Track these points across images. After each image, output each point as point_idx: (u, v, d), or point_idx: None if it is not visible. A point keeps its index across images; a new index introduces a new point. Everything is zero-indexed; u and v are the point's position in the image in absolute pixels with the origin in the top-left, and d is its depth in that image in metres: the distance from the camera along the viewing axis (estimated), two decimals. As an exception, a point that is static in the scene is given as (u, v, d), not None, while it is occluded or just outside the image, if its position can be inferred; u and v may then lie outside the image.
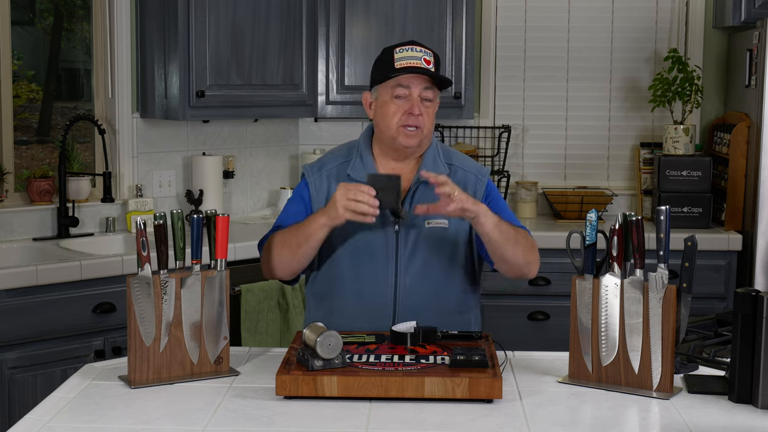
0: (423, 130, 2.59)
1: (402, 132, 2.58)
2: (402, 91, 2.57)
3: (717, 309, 4.14)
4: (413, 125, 2.56)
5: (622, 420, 2.08)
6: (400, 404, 2.12)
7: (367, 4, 4.36)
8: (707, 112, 4.82)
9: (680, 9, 4.80)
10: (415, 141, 2.59)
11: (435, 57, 2.62)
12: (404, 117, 2.57)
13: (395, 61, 2.57)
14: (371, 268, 2.59)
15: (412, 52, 2.58)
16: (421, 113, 2.57)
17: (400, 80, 2.57)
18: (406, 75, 2.56)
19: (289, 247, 2.55)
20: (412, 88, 2.57)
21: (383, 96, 2.60)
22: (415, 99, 2.57)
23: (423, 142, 2.62)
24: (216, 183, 4.37)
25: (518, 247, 2.54)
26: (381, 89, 2.61)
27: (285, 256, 2.56)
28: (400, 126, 2.58)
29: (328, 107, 4.39)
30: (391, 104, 2.58)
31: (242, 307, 3.83)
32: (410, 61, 2.56)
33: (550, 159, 4.94)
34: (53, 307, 3.42)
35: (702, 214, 4.42)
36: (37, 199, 4.02)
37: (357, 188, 2.43)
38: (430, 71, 2.57)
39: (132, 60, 4.23)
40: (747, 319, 2.13)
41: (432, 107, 2.61)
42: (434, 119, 2.64)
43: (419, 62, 2.57)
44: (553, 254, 4.25)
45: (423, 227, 2.60)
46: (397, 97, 2.58)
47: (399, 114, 2.57)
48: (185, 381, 2.28)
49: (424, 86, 2.58)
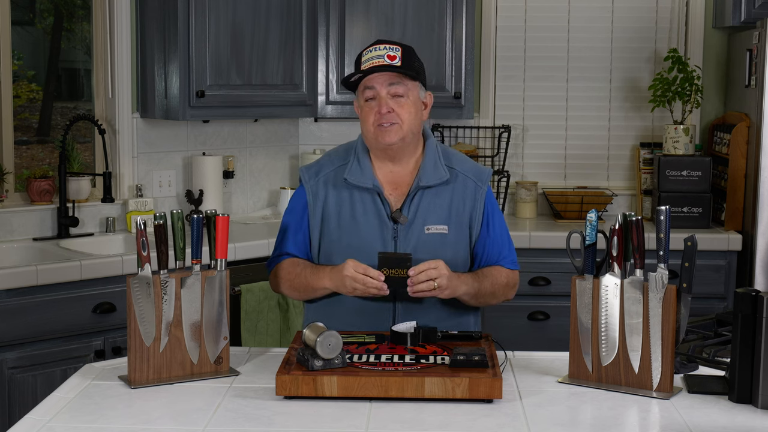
0: (402, 126, 2.56)
1: (378, 131, 2.56)
2: (370, 93, 2.57)
3: (717, 309, 4.14)
4: (385, 122, 2.55)
5: (622, 420, 2.07)
6: (400, 404, 2.12)
7: (367, 4, 4.36)
8: (707, 112, 4.82)
9: (680, 9, 4.80)
10: (395, 137, 2.56)
11: (403, 50, 2.58)
12: (377, 117, 2.56)
13: (361, 65, 2.58)
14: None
15: (375, 52, 2.57)
16: (391, 110, 2.54)
17: (365, 82, 2.57)
18: (369, 75, 2.56)
19: (296, 290, 2.65)
20: (377, 88, 2.56)
21: (360, 101, 2.62)
22: (383, 97, 2.55)
23: (407, 138, 2.59)
24: (216, 183, 4.37)
25: (494, 301, 2.67)
26: (358, 94, 2.63)
27: (291, 294, 2.68)
28: (375, 126, 2.56)
29: (328, 107, 4.39)
30: (365, 108, 2.59)
31: (242, 307, 3.83)
32: (372, 61, 2.56)
33: (550, 159, 4.94)
34: (53, 307, 3.42)
35: (702, 214, 4.42)
36: (37, 199, 4.02)
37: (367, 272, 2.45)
38: (391, 66, 2.54)
39: (132, 60, 4.23)
40: (747, 319, 2.13)
41: (407, 101, 2.57)
42: (417, 112, 2.59)
43: (381, 60, 2.55)
44: (553, 254, 4.27)
45: (422, 233, 2.59)
46: (368, 100, 2.58)
47: (372, 115, 2.56)
48: (185, 381, 2.28)
49: (390, 82, 2.56)
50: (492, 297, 2.64)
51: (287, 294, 2.69)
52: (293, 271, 2.63)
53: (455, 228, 2.61)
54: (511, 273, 2.66)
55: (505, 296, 2.68)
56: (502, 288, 2.64)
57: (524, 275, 3.95)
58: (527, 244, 4.27)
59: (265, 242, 3.94)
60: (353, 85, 2.62)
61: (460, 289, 2.52)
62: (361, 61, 2.59)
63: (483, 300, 2.63)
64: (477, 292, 2.58)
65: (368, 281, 2.44)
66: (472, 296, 2.58)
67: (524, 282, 4.13)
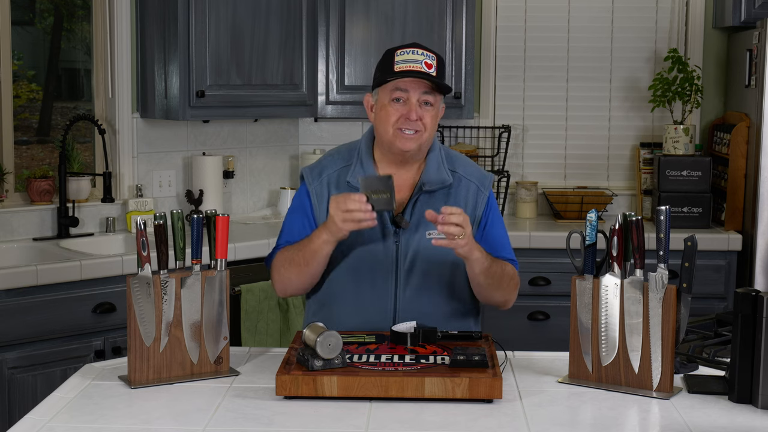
0: (423, 135, 2.54)
1: (399, 136, 2.53)
2: (400, 95, 2.53)
3: (717, 309, 4.14)
4: (411, 129, 2.52)
5: (622, 420, 2.08)
6: (400, 404, 2.12)
7: (367, 4, 4.36)
8: (707, 112, 4.82)
9: (680, 9, 4.80)
10: (414, 145, 2.54)
11: (438, 60, 2.55)
12: (401, 121, 2.52)
13: (395, 64, 2.53)
14: (371, 279, 2.57)
15: (413, 55, 2.52)
16: (419, 118, 2.52)
17: (398, 84, 2.53)
18: (405, 79, 2.51)
19: (297, 265, 2.55)
20: (410, 92, 2.52)
21: (382, 99, 2.56)
22: (413, 103, 2.52)
23: (423, 147, 2.57)
24: (216, 183, 4.37)
25: (499, 292, 2.58)
26: (381, 92, 2.57)
27: (293, 273, 2.56)
28: (397, 129, 2.53)
29: (328, 107, 4.39)
30: (389, 107, 2.54)
31: (242, 307, 3.83)
32: (410, 64, 2.51)
33: (550, 159, 4.94)
34: (53, 307, 3.42)
35: (702, 214, 4.42)
36: (37, 199, 4.02)
37: (347, 198, 2.41)
38: (430, 76, 2.52)
39: (132, 60, 4.23)
40: (747, 319, 2.13)
41: (433, 111, 2.55)
42: (436, 123, 2.58)
43: (419, 66, 2.51)
44: (553, 254, 4.27)
45: (423, 238, 2.57)
46: (395, 101, 2.53)
47: (395, 116, 2.53)
48: (185, 381, 2.28)
49: (423, 91, 2.53)
50: (499, 282, 2.55)
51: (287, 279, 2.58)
52: (291, 250, 2.57)
53: None
54: (515, 272, 2.65)
55: (509, 293, 2.62)
56: (508, 279, 2.58)
57: (524, 275, 3.96)
58: (527, 244, 4.27)
59: (265, 242, 3.94)
60: (379, 80, 2.56)
61: (475, 252, 2.44)
62: (394, 60, 2.54)
63: (491, 280, 2.53)
64: (489, 267, 2.50)
65: (351, 205, 2.39)
66: (484, 268, 2.49)
67: (524, 282, 4.13)
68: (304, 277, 2.57)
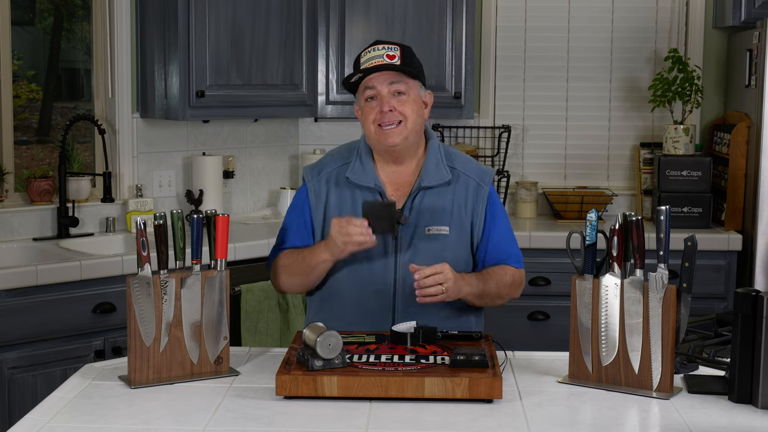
0: (405, 125, 2.56)
1: (381, 132, 2.56)
2: (370, 92, 2.57)
3: (717, 309, 4.14)
4: (388, 122, 2.55)
5: (622, 420, 2.08)
6: (400, 404, 2.12)
7: (367, 4, 4.36)
8: (707, 112, 4.82)
9: (680, 9, 4.80)
10: (398, 138, 2.56)
11: (402, 49, 2.58)
12: (378, 116, 2.55)
13: (360, 66, 2.58)
14: (370, 275, 2.59)
15: (374, 52, 2.57)
16: (393, 108, 2.54)
17: (366, 83, 2.57)
18: (369, 75, 2.55)
19: (297, 275, 2.62)
20: (377, 87, 2.56)
21: (360, 102, 2.62)
22: (384, 96, 2.55)
23: (410, 138, 2.59)
24: (216, 183, 4.37)
25: (499, 301, 2.66)
26: (358, 96, 2.62)
27: (294, 281, 2.64)
28: (377, 127, 2.56)
29: (328, 107, 4.39)
30: (365, 108, 2.58)
31: (242, 307, 3.83)
32: (371, 61, 2.56)
33: (550, 159, 4.94)
34: (53, 307, 3.42)
35: (702, 214, 4.42)
36: (37, 199, 4.02)
37: (349, 222, 2.46)
38: (392, 65, 2.54)
39: (132, 60, 4.23)
40: (747, 319, 2.13)
41: (407, 99, 2.57)
42: (419, 112, 2.60)
43: (381, 59, 2.55)
44: (553, 254, 4.27)
45: (423, 233, 2.58)
46: (368, 100, 2.57)
47: (372, 114, 2.56)
48: (185, 381, 2.28)
49: (390, 81, 2.55)
50: (497, 297, 2.63)
51: (287, 285, 2.65)
52: (291, 258, 2.62)
53: (456, 229, 2.60)
54: (517, 272, 2.66)
55: (511, 295, 2.67)
56: (508, 287, 2.63)
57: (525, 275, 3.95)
58: (527, 244, 4.27)
59: (265, 242, 3.94)
60: (353, 87, 2.61)
61: (464, 290, 2.52)
62: (360, 62, 2.59)
63: (488, 300, 2.62)
64: (481, 293, 2.57)
65: (352, 230, 2.44)
66: (476, 296, 2.57)
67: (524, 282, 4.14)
68: (304, 284, 2.65)
